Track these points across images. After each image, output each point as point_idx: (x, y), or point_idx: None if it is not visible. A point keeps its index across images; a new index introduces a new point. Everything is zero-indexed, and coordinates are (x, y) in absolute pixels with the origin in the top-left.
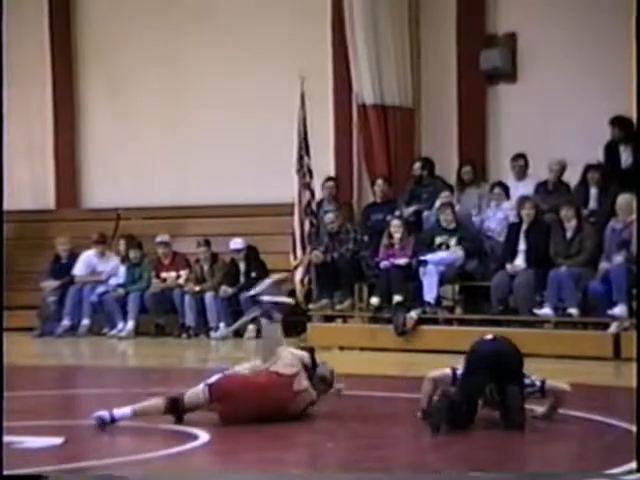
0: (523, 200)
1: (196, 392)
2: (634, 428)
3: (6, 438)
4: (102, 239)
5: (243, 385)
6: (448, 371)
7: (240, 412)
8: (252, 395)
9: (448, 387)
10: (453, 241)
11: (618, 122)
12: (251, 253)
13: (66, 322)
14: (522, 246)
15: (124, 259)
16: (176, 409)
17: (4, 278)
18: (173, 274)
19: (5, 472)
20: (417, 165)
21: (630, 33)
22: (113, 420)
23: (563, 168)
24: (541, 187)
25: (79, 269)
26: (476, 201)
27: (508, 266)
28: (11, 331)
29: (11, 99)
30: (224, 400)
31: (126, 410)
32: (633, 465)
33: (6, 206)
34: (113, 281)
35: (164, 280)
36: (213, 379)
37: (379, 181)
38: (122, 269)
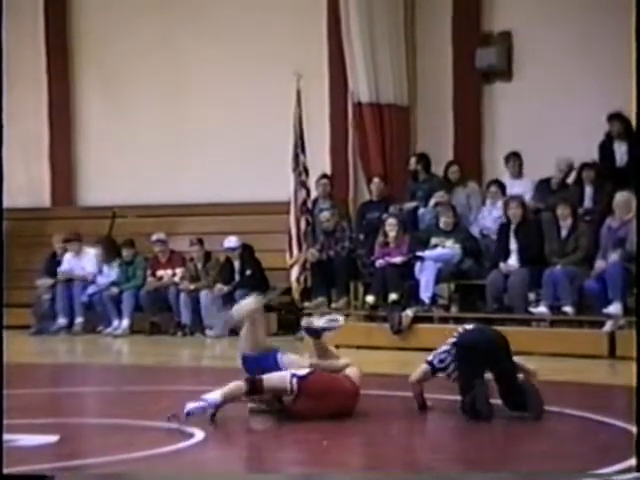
0: (508, 200)
1: (281, 378)
2: (632, 427)
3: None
4: (74, 237)
5: (332, 385)
6: (425, 366)
7: (317, 409)
8: (335, 396)
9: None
10: (449, 242)
11: (616, 118)
12: (246, 251)
13: (61, 320)
14: (513, 246)
15: (116, 257)
16: (255, 390)
17: (3, 273)
18: (169, 272)
19: (5, 472)
20: (412, 160)
21: (626, 31)
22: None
23: (571, 168)
24: (543, 184)
25: (63, 268)
26: (465, 201)
27: (502, 265)
28: (7, 329)
29: (7, 97)
30: (310, 396)
31: (216, 395)
32: (628, 463)
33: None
34: (102, 280)
35: (160, 278)
36: (302, 372)
37: (375, 179)
38: (107, 267)
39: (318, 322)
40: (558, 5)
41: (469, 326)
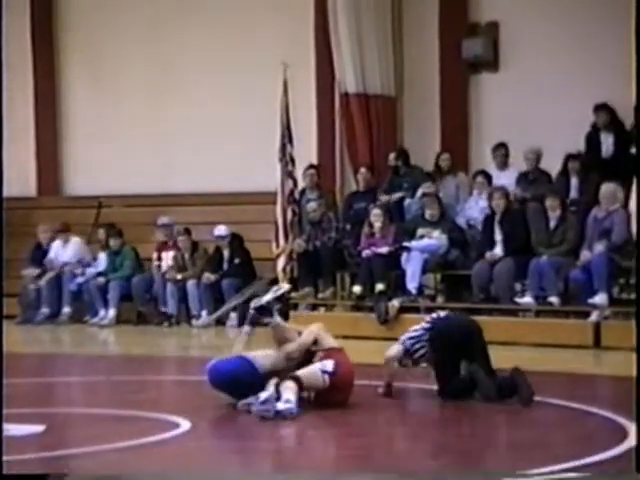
0: (492, 191)
1: (314, 376)
2: (617, 416)
3: None
4: (65, 228)
5: (352, 372)
6: (400, 347)
7: (342, 399)
8: (352, 381)
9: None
10: (435, 233)
11: (602, 109)
12: (235, 240)
13: (45, 310)
14: (498, 236)
15: (104, 247)
16: (300, 388)
17: (3, 267)
18: (171, 254)
19: (5, 472)
20: (392, 156)
21: (614, 22)
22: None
23: (539, 156)
24: (522, 177)
25: (50, 257)
26: (454, 191)
27: (487, 254)
28: None
29: None
30: (341, 388)
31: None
32: (612, 452)
33: None
34: (92, 270)
35: (159, 263)
36: (330, 367)
37: (362, 170)
38: (100, 256)
39: (265, 297)
40: None
41: (443, 313)
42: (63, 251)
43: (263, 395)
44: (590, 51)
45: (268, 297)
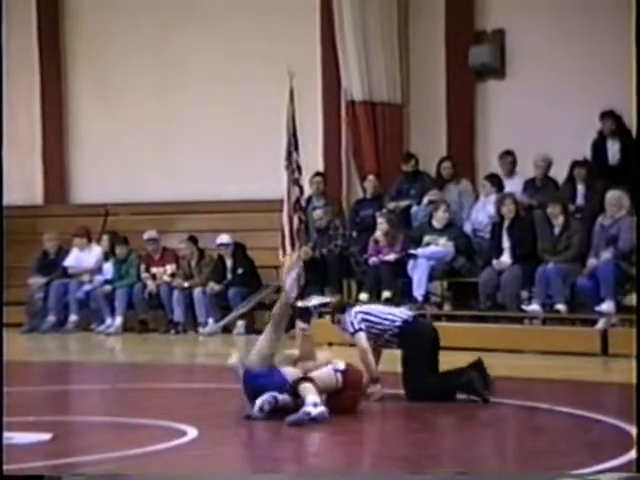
0: (502, 197)
1: (328, 376)
2: (624, 424)
3: None
4: (82, 232)
5: (362, 378)
6: (363, 334)
7: (355, 399)
8: (360, 388)
9: None
10: (442, 240)
11: (608, 116)
12: (238, 249)
13: (51, 318)
14: (506, 243)
15: (107, 255)
16: None
17: (3, 274)
18: (162, 269)
19: (5, 473)
20: (412, 162)
21: (619, 29)
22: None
23: (549, 164)
24: (529, 184)
25: (69, 262)
26: (457, 198)
27: (494, 262)
28: None
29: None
30: (351, 389)
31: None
32: (620, 460)
33: None
34: (99, 278)
35: (154, 275)
36: (341, 366)
37: (370, 177)
38: (107, 265)
39: (313, 301)
40: (551, 3)
41: (407, 312)
42: (86, 256)
43: (258, 402)
44: (596, 58)
45: (315, 302)
